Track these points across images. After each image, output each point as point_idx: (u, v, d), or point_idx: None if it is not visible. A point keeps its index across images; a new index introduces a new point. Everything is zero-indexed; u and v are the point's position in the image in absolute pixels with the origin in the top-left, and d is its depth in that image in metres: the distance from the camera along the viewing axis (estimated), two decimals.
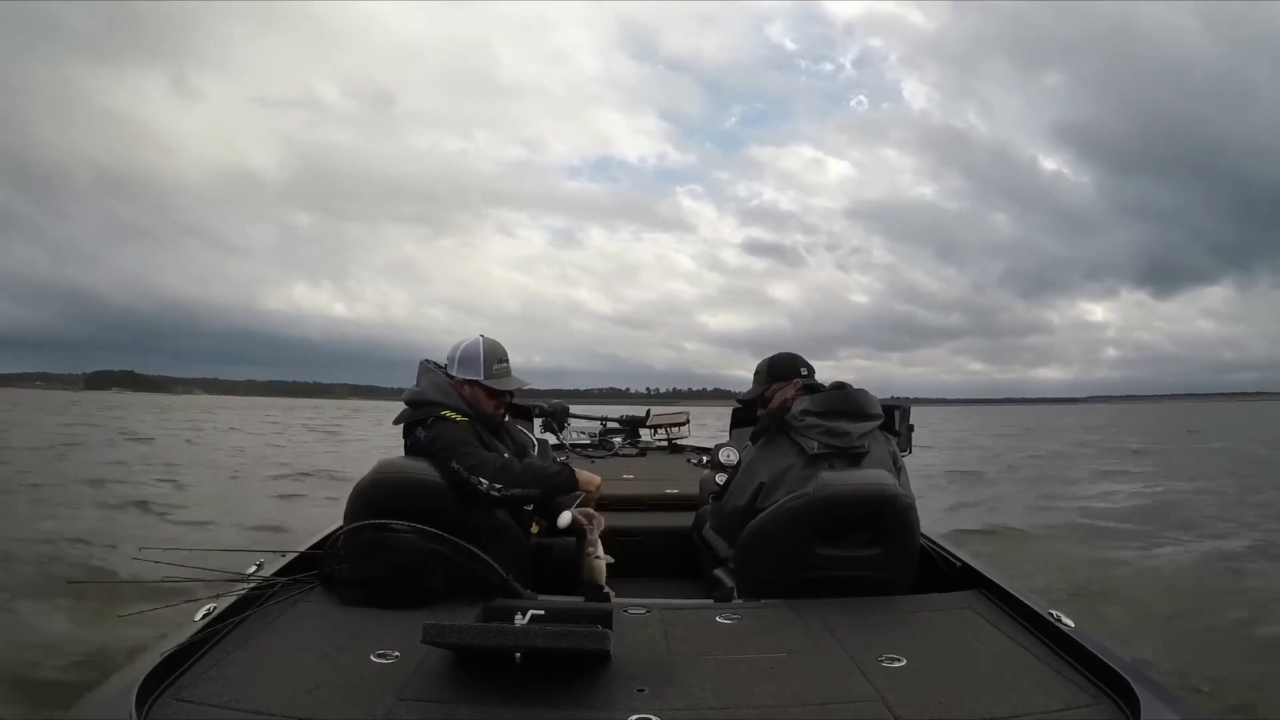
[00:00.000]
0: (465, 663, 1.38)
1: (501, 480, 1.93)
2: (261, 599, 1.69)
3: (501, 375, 2.16)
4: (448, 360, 2.16)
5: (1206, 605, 4.27)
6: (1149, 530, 6.61)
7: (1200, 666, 3.28)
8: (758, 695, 1.32)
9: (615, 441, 4.51)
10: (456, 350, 2.16)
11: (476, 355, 2.13)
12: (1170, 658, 3.34)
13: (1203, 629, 3.87)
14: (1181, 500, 8.38)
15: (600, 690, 1.32)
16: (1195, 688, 3.03)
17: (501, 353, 2.16)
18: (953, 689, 1.33)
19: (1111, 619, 3.85)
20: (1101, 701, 1.29)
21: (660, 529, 2.98)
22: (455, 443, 1.96)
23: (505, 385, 2.16)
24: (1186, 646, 3.57)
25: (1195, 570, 5.23)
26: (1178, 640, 3.68)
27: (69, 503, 7.25)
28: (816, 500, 1.85)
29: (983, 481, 10.86)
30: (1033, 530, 6.71)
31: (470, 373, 2.12)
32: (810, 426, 2.04)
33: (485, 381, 2.12)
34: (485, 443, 2.03)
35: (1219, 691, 3.07)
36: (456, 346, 2.17)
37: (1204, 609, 4.21)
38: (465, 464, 1.93)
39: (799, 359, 2.28)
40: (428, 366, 2.16)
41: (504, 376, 2.17)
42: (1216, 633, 3.82)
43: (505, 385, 2.16)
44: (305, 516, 6.19)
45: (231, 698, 1.27)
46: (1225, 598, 4.42)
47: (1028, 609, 1.66)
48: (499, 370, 2.15)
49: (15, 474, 9.22)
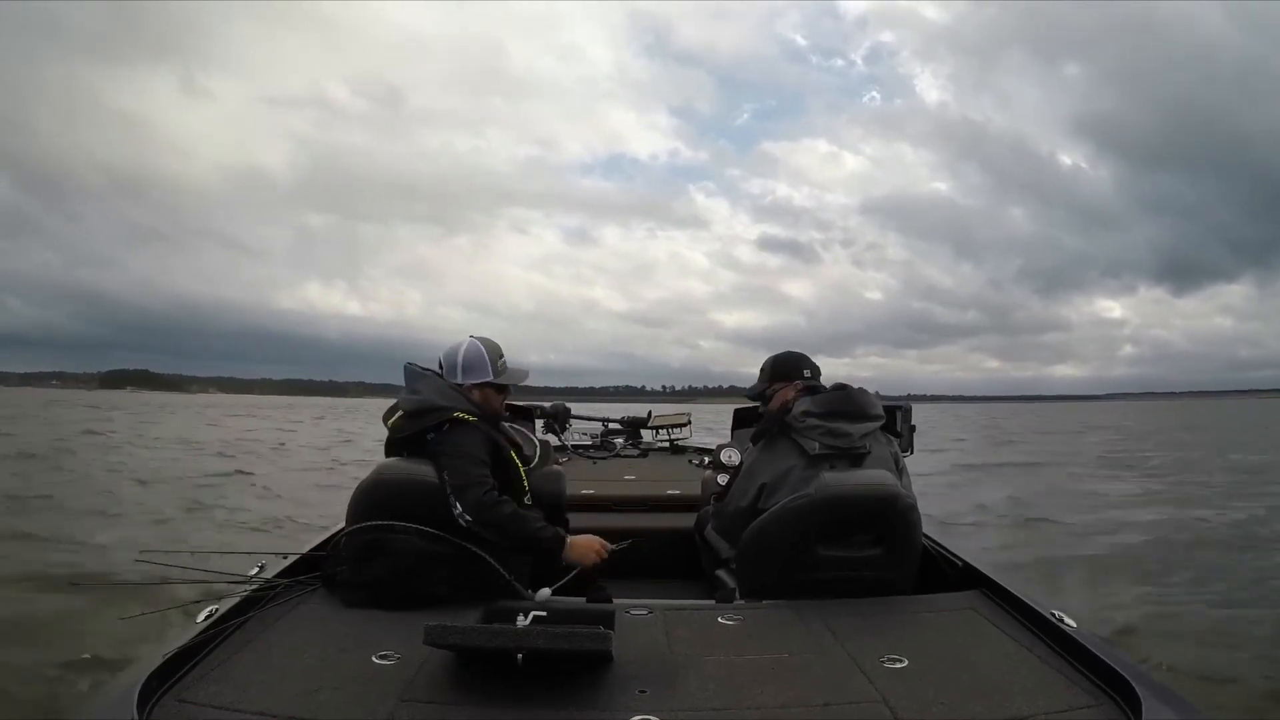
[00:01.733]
0: (467, 664, 1.39)
1: (475, 514, 1.83)
2: (263, 601, 1.69)
3: (504, 370, 2.16)
4: (445, 368, 2.11)
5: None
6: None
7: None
8: (760, 696, 1.32)
9: (617, 442, 4.52)
10: (455, 356, 2.10)
11: (480, 358, 2.10)
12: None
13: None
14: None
15: (602, 691, 1.32)
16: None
17: (498, 348, 2.16)
18: (955, 690, 1.33)
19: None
20: (1104, 702, 1.29)
21: (662, 530, 2.98)
22: (457, 454, 1.91)
23: (516, 379, 2.17)
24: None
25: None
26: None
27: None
28: (818, 501, 1.85)
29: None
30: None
31: (479, 376, 2.09)
32: (811, 428, 2.04)
33: (495, 380, 2.11)
34: (497, 444, 2.00)
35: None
36: (453, 352, 2.11)
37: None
38: (453, 480, 1.87)
39: (804, 359, 2.27)
40: (417, 370, 2.10)
41: (507, 370, 2.17)
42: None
43: (516, 379, 2.17)
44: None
45: (233, 699, 1.27)
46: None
47: (1030, 609, 1.66)
48: (503, 366, 2.14)
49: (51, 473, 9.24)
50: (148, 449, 13.76)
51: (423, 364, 2.14)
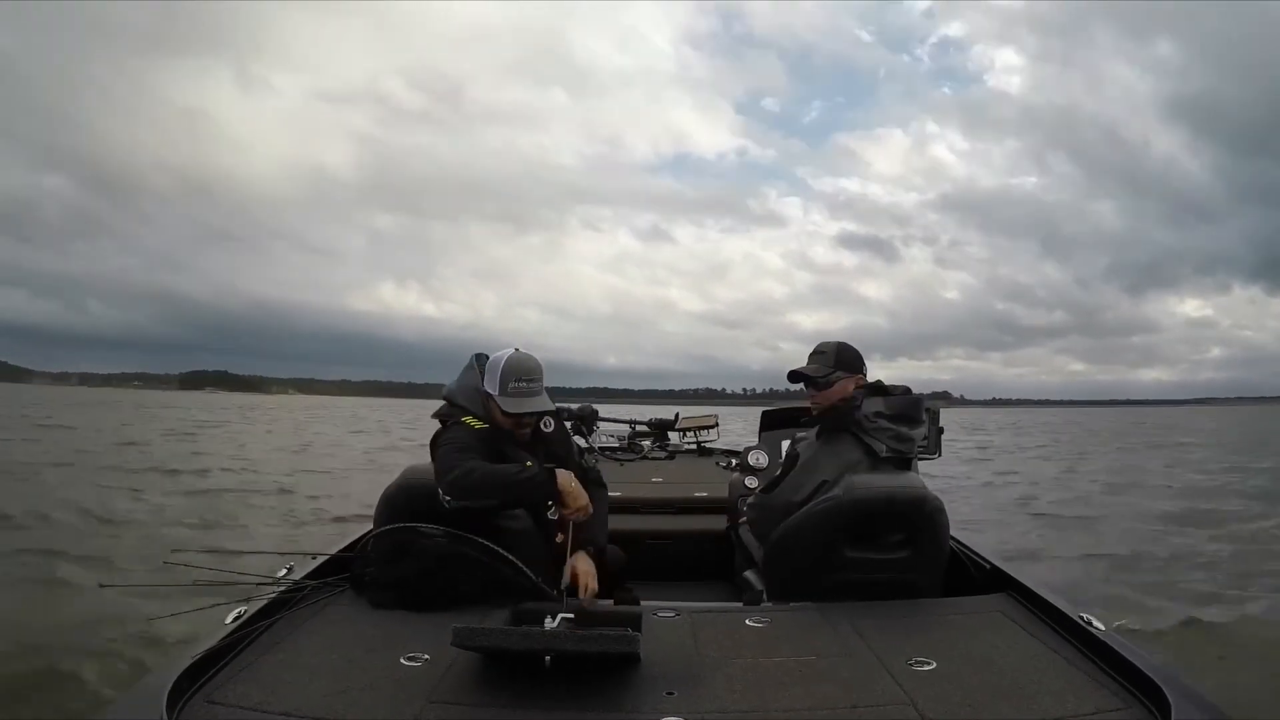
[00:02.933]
0: (495, 665, 1.39)
1: (451, 492, 1.79)
2: (292, 602, 1.71)
3: (519, 395, 1.95)
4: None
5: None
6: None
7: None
8: (787, 698, 1.32)
9: (644, 444, 4.52)
10: (488, 360, 2.04)
11: (497, 369, 1.98)
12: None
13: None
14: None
15: (629, 693, 1.33)
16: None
17: (525, 371, 1.96)
18: (982, 692, 1.32)
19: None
20: (1133, 705, 1.28)
21: (689, 532, 2.98)
22: (445, 445, 1.89)
23: (517, 407, 1.96)
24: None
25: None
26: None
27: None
28: (846, 502, 1.84)
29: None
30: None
31: (489, 386, 1.99)
32: (882, 429, 2.03)
33: (497, 399, 1.97)
34: (504, 454, 1.97)
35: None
36: (493, 357, 2.04)
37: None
38: (437, 470, 1.86)
39: (862, 356, 2.19)
40: (471, 364, 2.07)
41: (522, 396, 1.96)
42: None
43: (517, 407, 1.96)
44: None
45: (261, 700, 1.28)
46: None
47: (1058, 611, 1.65)
48: (515, 389, 1.95)
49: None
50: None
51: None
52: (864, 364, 2.18)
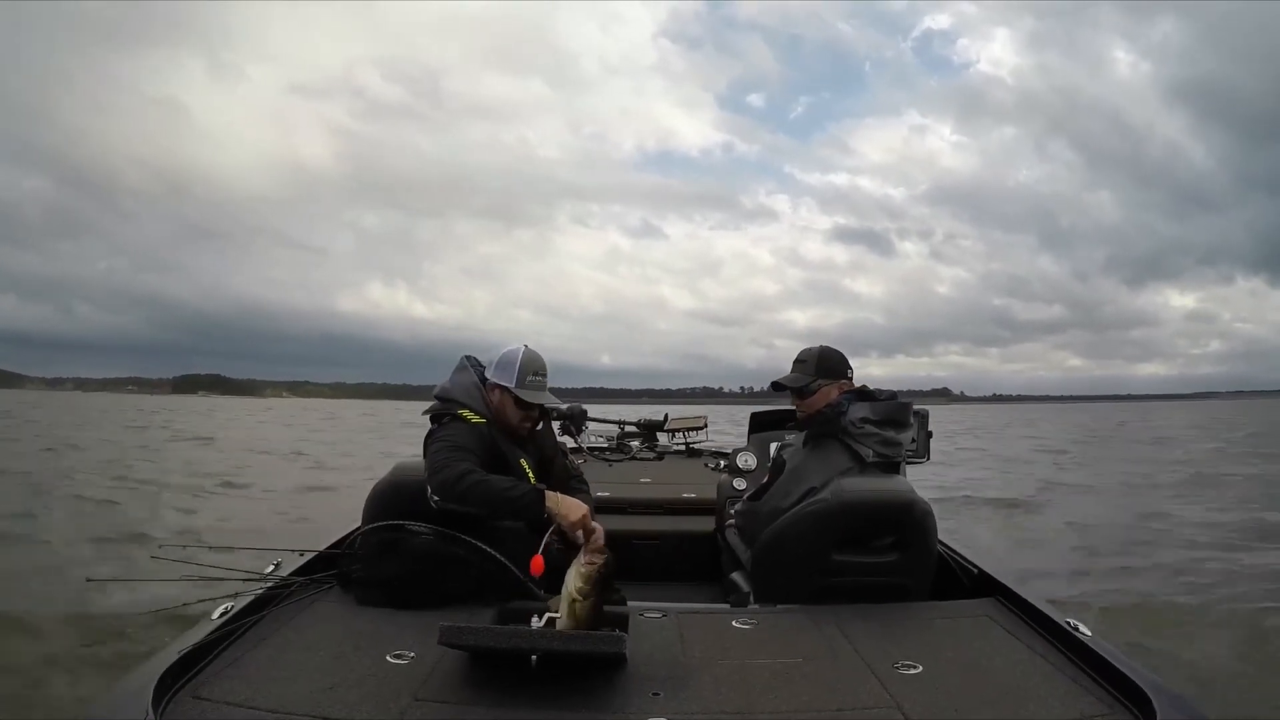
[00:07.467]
0: (481, 664, 1.39)
1: (441, 493, 1.80)
2: (279, 598, 1.71)
3: (535, 388, 2.04)
4: (488, 361, 2.11)
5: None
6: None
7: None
8: (773, 700, 1.32)
9: (633, 445, 4.53)
10: (498, 354, 2.08)
11: (513, 362, 2.03)
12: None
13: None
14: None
15: (616, 693, 1.33)
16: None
17: (540, 366, 2.06)
18: (969, 696, 1.33)
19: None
20: (1118, 710, 1.29)
21: (677, 533, 2.99)
22: (440, 442, 1.90)
23: (535, 399, 2.05)
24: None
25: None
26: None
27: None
28: (835, 506, 1.85)
29: None
30: None
31: (503, 378, 2.04)
32: (869, 434, 2.03)
33: (515, 390, 2.03)
34: (501, 449, 1.99)
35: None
36: (501, 350, 2.09)
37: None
38: (428, 466, 1.86)
39: (846, 359, 2.20)
40: (464, 364, 2.11)
41: (537, 390, 2.05)
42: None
43: (535, 399, 2.05)
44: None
45: (248, 696, 1.28)
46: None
47: (1045, 617, 1.65)
48: (532, 383, 2.04)
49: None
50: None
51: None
52: (849, 367, 2.17)
